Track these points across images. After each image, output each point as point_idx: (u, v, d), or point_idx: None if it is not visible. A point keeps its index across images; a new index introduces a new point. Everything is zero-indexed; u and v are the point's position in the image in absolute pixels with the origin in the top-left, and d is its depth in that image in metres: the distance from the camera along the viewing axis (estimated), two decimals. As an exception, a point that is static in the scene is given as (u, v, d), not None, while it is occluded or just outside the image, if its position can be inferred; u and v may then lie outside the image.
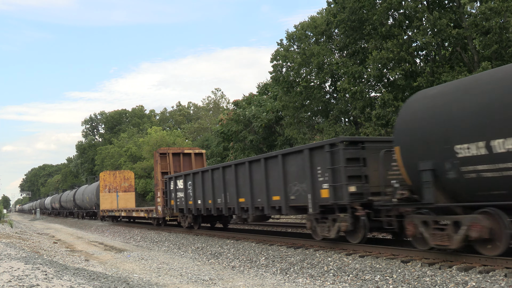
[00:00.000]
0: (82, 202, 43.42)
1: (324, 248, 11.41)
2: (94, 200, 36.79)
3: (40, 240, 21.11)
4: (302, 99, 28.25)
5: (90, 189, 40.33)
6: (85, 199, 41.78)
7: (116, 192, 33.92)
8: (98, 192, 34.82)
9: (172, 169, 21.89)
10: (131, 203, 33.91)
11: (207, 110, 74.62)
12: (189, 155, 22.61)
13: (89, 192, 39.84)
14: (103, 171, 36.68)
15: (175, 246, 15.93)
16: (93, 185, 40.02)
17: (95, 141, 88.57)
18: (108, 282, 8.62)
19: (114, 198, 33.52)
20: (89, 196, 39.72)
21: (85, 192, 41.80)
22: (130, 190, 34.66)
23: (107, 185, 34.15)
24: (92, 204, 38.95)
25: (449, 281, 7.30)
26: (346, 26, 24.40)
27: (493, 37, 19.06)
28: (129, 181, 34.87)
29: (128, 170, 37.29)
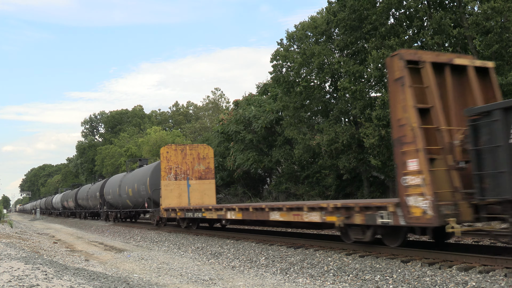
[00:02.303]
0: (116, 198, 30.16)
1: (324, 248, 11.41)
2: (145, 193, 24.03)
3: (40, 240, 21.11)
4: (302, 99, 28.23)
5: (132, 177, 27.44)
6: (123, 192, 28.43)
7: (186, 180, 21.64)
8: (154, 181, 22.94)
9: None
10: (209, 197, 22.06)
11: (206, 110, 74.63)
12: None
13: (132, 181, 26.73)
14: (166, 146, 22.55)
15: (175, 246, 15.93)
16: (139, 172, 26.80)
17: (95, 141, 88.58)
18: (108, 282, 8.62)
19: (183, 189, 21.50)
20: (132, 188, 26.35)
21: (124, 183, 28.61)
22: (208, 177, 22.26)
23: (172, 167, 21.66)
24: (138, 201, 25.86)
25: (449, 281, 7.30)
26: (346, 25, 24.40)
27: (494, 37, 19.06)
28: (206, 161, 22.37)
29: (204, 145, 23.34)
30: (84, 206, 43.23)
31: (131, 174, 28.56)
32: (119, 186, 29.43)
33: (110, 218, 33.80)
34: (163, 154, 21.74)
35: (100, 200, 34.95)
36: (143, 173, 25.37)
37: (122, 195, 28.69)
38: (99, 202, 35.66)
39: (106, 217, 34.58)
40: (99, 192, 35.20)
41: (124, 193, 28.29)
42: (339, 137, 24.99)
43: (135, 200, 26.27)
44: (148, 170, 24.23)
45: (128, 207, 28.64)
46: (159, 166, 22.31)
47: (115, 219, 32.21)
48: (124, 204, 29.00)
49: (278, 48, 29.84)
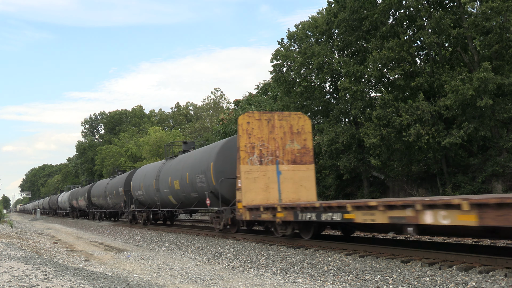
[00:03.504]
0: (151, 194, 23.08)
1: (324, 248, 11.41)
2: (206, 185, 16.91)
3: (40, 240, 21.11)
4: (302, 99, 28.26)
5: (181, 164, 19.82)
6: (164, 186, 21.30)
7: (275, 164, 14.53)
8: (221, 167, 16.02)
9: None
10: (307, 189, 14.68)
11: (206, 110, 74.66)
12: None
13: (181, 170, 19.39)
14: (246, 113, 14.79)
15: (175, 246, 15.94)
16: (192, 156, 19.10)
17: (95, 141, 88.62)
18: (108, 282, 8.62)
19: (272, 179, 14.39)
20: (181, 179, 19.21)
21: (165, 172, 21.44)
22: (305, 161, 14.91)
23: (255, 145, 14.43)
24: (190, 196, 18.82)
25: (449, 281, 7.30)
26: (347, 25, 24.41)
27: (494, 37, 19.07)
28: (301, 137, 14.95)
29: (298, 113, 15.41)
30: (100, 205, 36.09)
31: (177, 160, 20.76)
32: (156, 177, 22.24)
33: (138, 220, 26.27)
34: (242, 125, 14.09)
35: (125, 197, 27.53)
36: (201, 156, 17.77)
37: (163, 189, 21.38)
38: (123, 199, 28.34)
39: (133, 218, 27.38)
40: (123, 187, 28.02)
41: (165, 186, 21.09)
42: (339, 137, 25.01)
43: (185, 196, 19.17)
44: (212, 152, 16.59)
45: (169, 205, 21.72)
46: (228, 146, 16.07)
47: (147, 221, 25.12)
48: (165, 201, 21.79)
49: (279, 47, 29.88)
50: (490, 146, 22.06)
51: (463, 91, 18.72)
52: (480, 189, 20.47)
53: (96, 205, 38.28)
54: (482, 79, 18.10)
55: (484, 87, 18.32)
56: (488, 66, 18.23)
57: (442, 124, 20.92)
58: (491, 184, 20.51)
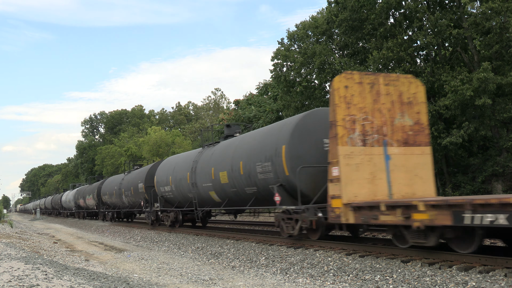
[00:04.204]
0: (183, 189, 19.18)
1: (324, 248, 11.41)
2: (273, 176, 13.02)
3: (40, 240, 21.11)
4: (302, 99, 28.27)
5: (230, 150, 15.82)
6: (203, 179, 17.25)
7: (383, 146, 10.69)
8: (297, 151, 12.27)
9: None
10: (423, 181, 10.92)
11: (207, 110, 74.70)
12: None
13: (231, 156, 15.40)
14: (343, 74, 10.55)
15: (175, 246, 15.94)
16: (247, 139, 15.21)
17: (95, 141, 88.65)
18: (108, 282, 8.62)
19: (378, 166, 10.57)
20: (230, 169, 15.21)
21: (204, 161, 17.40)
22: (419, 142, 11.11)
23: (357, 119, 10.52)
24: (244, 192, 14.84)
25: (449, 281, 7.30)
26: (347, 25, 24.42)
27: (494, 37, 19.07)
28: (413, 109, 11.17)
29: (409, 77, 11.39)
30: (113, 204, 32.16)
31: (222, 147, 16.56)
32: (192, 169, 17.99)
33: (164, 221, 22.11)
34: (339, 90, 10.36)
35: (146, 194, 23.55)
36: (264, 138, 13.78)
37: (202, 184, 17.23)
38: (143, 197, 24.32)
39: (156, 219, 23.22)
40: (143, 182, 24.05)
41: (205, 180, 16.90)
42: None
43: (237, 192, 15.13)
44: (283, 131, 12.79)
45: (209, 203, 17.62)
46: (307, 122, 12.40)
47: (175, 222, 20.97)
48: (204, 198, 17.68)
49: (279, 47, 29.88)
50: (490, 146, 22.07)
51: (462, 91, 18.73)
52: (480, 189, 20.48)
53: (107, 204, 33.87)
54: (482, 79, 18.11)
55: (484, 87, 18.32)
56: (488, 66, 18.24)
57: (442, 124, 20.92)
58: (491, 184, 20.52)
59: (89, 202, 39.49)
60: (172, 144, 52.50)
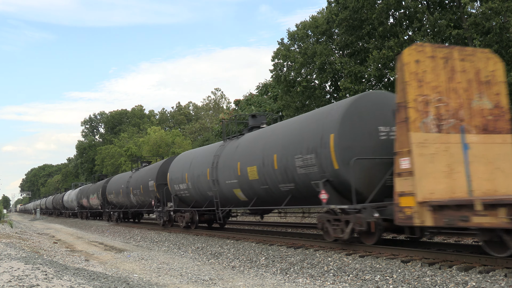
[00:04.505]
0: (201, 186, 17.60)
1: (324, 248, 11.41)
2: (319, 170, 11.11)
3: (40, 240, 21.11)
4: (303, 99, 28.28)
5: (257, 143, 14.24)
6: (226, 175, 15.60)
7: (460, 133, 9.07)
8: (350, 139, 10.51)
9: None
10: (505, 175, 9.25)
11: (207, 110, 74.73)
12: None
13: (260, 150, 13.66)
14: (413, 46, 9.10)
15: (175, 246, 15.93)
16: (291, 125, 12.89)
17: (95, 141, 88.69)
18: (108, 282, 8.62)
19: (456, 157, 8.92)
20: (262, 163, 13.36)
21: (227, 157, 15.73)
22: (500, 128, 9.45)
23: (430, 100, 8.91)
24: (279, 188, 12.87)
25: (449, 281, 7.30)
26: (348, 25, 24.44)
27: (493, 37, 19.09)
28: (492, 90, 9.51)
29: (485, 51, 9.70)
30: (120, 204, 30.34)
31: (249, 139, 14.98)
32: (213, 165, 16.36)
33: (178, 222, 20.22)
34: (409, 65, 9.00)
35: (158, 193, 21.99)
36: (305, 127, 12.03)
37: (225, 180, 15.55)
38: (154, 196, 22.80)
39: (168, 220, 21.50)
40: (154, 180, 22.47)
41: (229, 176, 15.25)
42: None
43: (268, 189, 13.35)
44: (330, 118, 11.06)
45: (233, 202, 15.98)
46: (359, 106, 10.72)
47: (190, 223, 19.22)
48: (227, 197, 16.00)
49: (279, 47, 29.88)
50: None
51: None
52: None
53: (113, 204, 31.90)
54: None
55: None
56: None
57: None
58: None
59: (93, 202, 37.78)
60: (172, 144, 52.51)
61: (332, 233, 11.07)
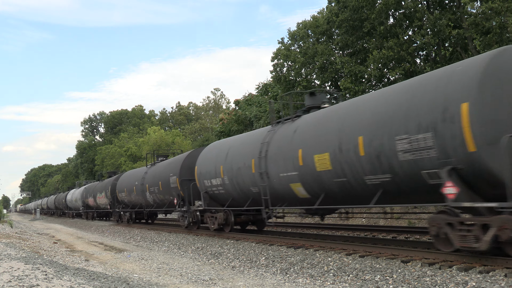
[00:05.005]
0: (246, 183, 14.67)
1: (324, 248, 11.41)
2: (439, 154, 8.29)
3: (40, 240, 21.11)
4: (302, 99, 28.28)
5: (327, 124, 11.36)
6: (279, 167, 12.79)
7: None
8: (501, 112, 7.77)
9: None
10: None
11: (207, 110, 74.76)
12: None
13: (335, 132, 10.82)
14: None
15: (175, 246, 15.93)
16: (367, 102, 10.56)
17: (95, 141, 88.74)
18: (108, 282, 8.62)
19: None
20: (333, 153, 10.70)
21: (281, 143, 12.89)
22: None
23: None
24: (365, 181, 10.10)
25: (449, 281, 7.30)
26: (348, 25, 24.43)
27: (493, 37, 19.07)
28: None
29: None
30: (132, 203, 27.50)
31: (313, 120, 12.32)
32: (260, 155, 13.55)
33: (209, 223, 17.61)
34: None
35: (182, 190, 19.25)
36: (409, 93, 9.37)
37: (278, 173, 12.82)
38: (176, 194, 19.99)
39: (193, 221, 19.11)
40: (177, 175, 19.67)
41: (284, 168, 12.55)
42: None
43: (346, 183, 10.70)
44: (461, 77, 8.27)
45: (286, 199, 13.14)
46: (503, 62, 8.09)
47: (223, 225, 16.72)
48: (279, 193, 13.16)
49: (279, 47, 29.87)
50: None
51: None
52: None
53: (124, 203, 29.13)
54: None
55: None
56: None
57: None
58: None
59: (101, 201, 34.94)
60: (172, 144, 52.55)
61: (457, 241, 8.29)
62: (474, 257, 8.26)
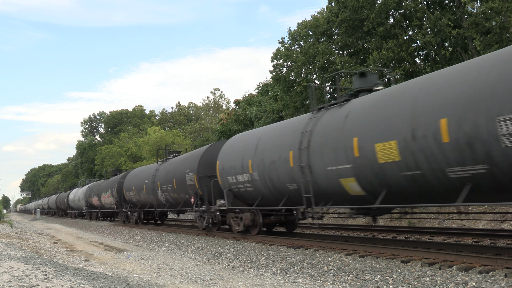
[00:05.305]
0: (281, 179, 12.79)
1: (324, 248, 11.40)
2: None
3: (40, 240, 21.11)
4: (302, 99, 28.29)
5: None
6: (329, 158, 10.85)
7: None
8: None
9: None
10: None
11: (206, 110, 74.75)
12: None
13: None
14: None
15: (175, 246, 15.93)
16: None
17: (95, 141, 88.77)
18: (108, 282, 8.62)
19: None
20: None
21: (341, 128, 10.60)
22: None
23: None
24: None
25: (449, 281, 7.30)
26: (348, 25, 24.43)
27: (494, 37, 19.07)
28: None
29: None
30: (141, 203, 25.84)
31: (372, 101, 10.49)
32: (302, 145, 11.75)
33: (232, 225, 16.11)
34: None
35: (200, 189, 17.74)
36: None
37: (325, 166, 11.08)
38: (193, 193, 18.41)
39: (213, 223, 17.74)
40: (194, 171, 17.98)
41: (338, 159, 10.66)
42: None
43: (410, 177, 9.02)
44: None
45: (330, 197, 11.50)
46: None
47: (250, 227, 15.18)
48: (323, 190, 11.46)
49: (279, 47, 29.87)
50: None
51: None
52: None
53: (132, 203, 27.50)
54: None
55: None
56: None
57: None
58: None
59: (106, 200, 33.10)
60: (172, 145, 52.56)
61: None
62: (474, 257, 8.26)
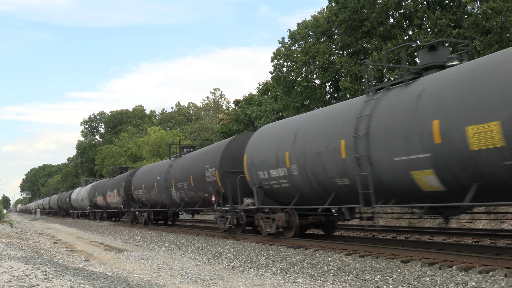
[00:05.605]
0: (335, 173, 10.65)
1: (324, 248, 11.40)
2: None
3: (40, 240, 21.11)
4: (302, 99, 28.30)
5: None
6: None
7: None
8: None
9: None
10: None
11: (206, 110, 74.74)
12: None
13: None
14: None
15: (175, 246, 15.93)
16: None
17: (95, 141, 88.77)
18: (108, 282, 8.62)
19: None
20: None
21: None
22: None
23: None
24: None
25: (449, 281, 7.30)
26: (347, 25, 24.45)
27: (494, 37, 19.09)
28: None
29: None
30: (151, 202, 24.08)
31: (458, 76, 8.24)
32: (356, 133, 9.90)
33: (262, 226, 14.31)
34: None
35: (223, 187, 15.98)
36: None
37: (391, 156, 9.10)
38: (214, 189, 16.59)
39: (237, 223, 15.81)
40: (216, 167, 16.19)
41: (408, 148, 8.70)
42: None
43: None
44: None
45: (394, 194, 9.54)
46: None
47: (285, 229, 13.49)
48: (386, 184, 9.50)
49: (279, 47, 29.87)
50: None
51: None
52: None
53: (141, 202, 25.62)
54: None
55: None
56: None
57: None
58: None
59: (112, 200, 31.24)
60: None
61: None
62: (474, 257, 8.26)
